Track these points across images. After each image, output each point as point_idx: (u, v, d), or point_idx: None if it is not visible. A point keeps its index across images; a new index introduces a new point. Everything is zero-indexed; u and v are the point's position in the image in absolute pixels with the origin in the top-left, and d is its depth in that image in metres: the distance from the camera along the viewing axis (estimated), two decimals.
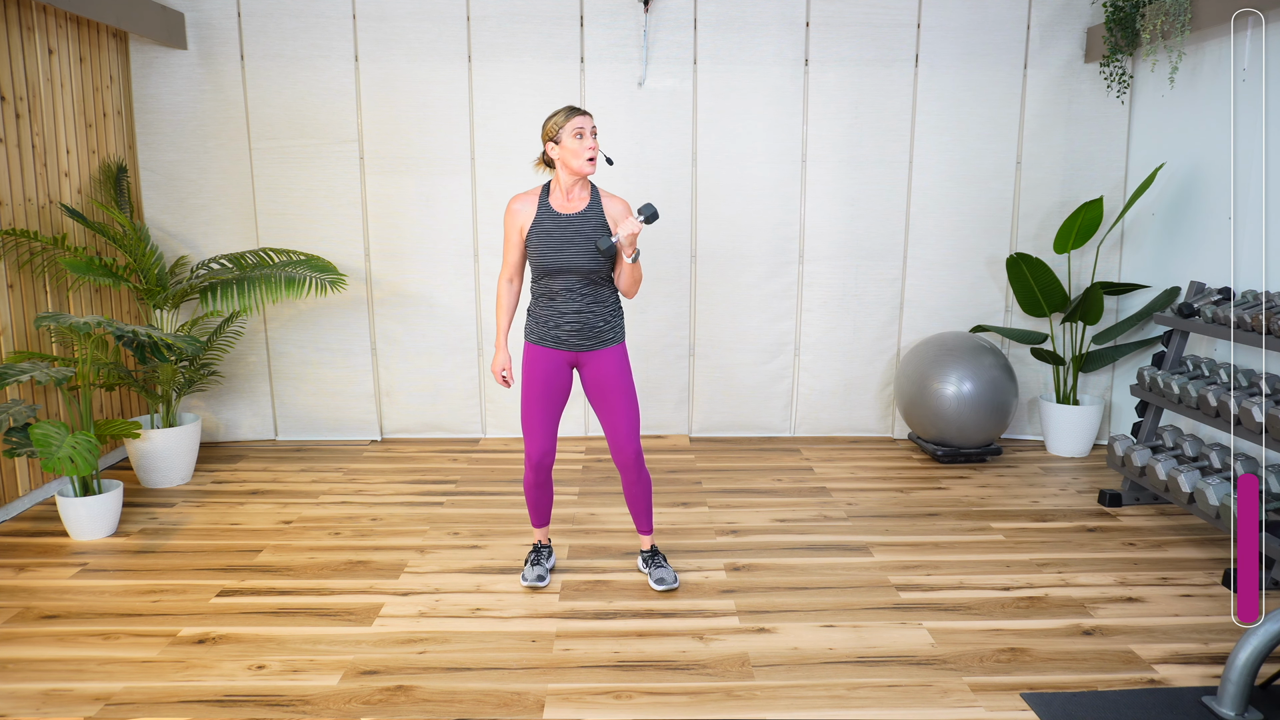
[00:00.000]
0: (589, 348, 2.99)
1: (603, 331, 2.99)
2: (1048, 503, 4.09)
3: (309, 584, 3.20)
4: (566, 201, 2.94)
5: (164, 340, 3.82)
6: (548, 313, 2.97)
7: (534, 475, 3.10)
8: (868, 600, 3.08)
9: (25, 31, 3.90)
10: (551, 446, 3.05)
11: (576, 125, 2.84)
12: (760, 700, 2.48)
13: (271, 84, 4.68)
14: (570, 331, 2.95)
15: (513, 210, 2.96)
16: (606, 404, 3.04)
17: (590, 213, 2.93)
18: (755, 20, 4.71)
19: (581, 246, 2.89)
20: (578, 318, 2.94)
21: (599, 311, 2.97)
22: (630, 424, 3.03)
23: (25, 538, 3.62)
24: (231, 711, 2.42)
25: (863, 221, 4.93)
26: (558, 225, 2.90)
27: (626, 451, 3.05)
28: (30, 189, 3.96)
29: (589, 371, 3.03)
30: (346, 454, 4.80)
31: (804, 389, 5.11)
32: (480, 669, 2.63)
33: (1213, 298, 3.84)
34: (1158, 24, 4.13)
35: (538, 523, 3.25)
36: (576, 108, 2.88)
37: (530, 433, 3.03)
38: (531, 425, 3.02)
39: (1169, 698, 2.48)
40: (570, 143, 2.85)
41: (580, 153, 2.84)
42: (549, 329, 2.97)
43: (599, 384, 3.03)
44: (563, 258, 2.89)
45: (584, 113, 2.87)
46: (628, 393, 3.03)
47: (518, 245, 2.99)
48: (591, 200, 2.95)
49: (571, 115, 2.85)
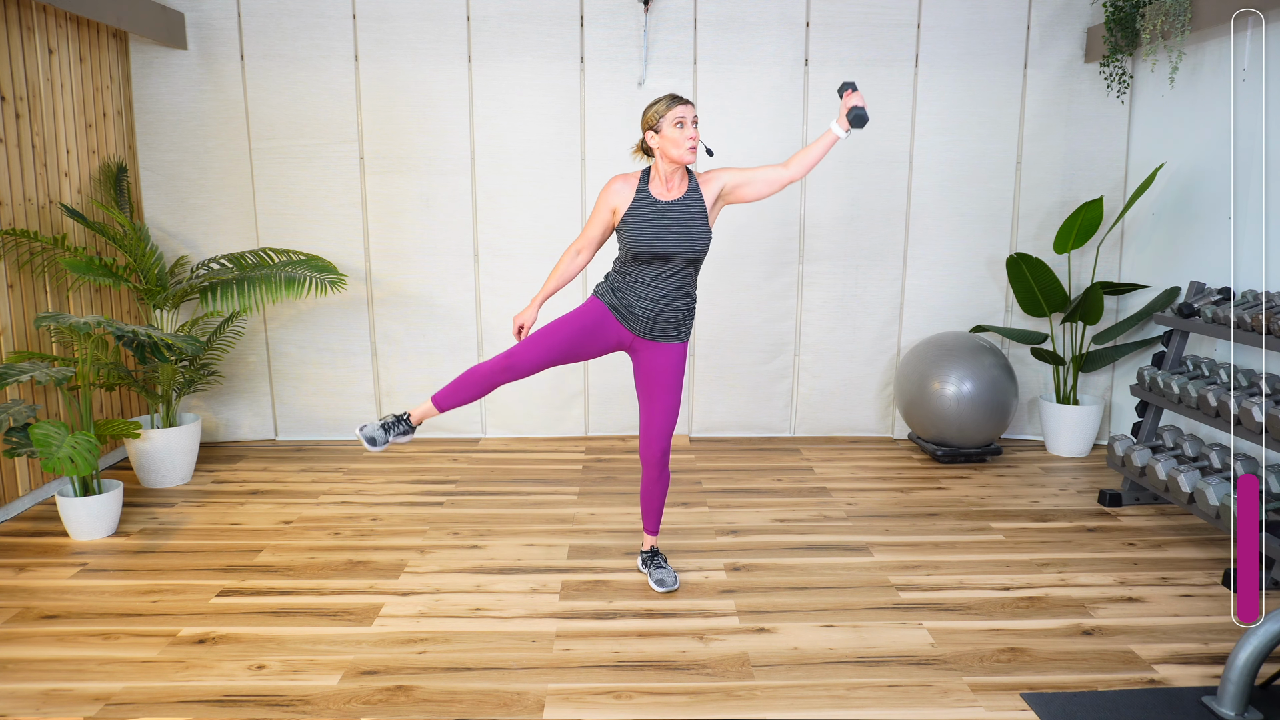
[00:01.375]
0: (653, 338, 2.98)
1: (672, 327, 2.98)
2: (1048, 503, 4.09)
3: (309, 584, 3.20)
4: (665, 189, 2.92)
5: (164, 340, 3.82)
6: (628, 295, 2.94)
7: (490, 374, 2.92)
8: (868, 600, 3.08)
9: (25, 31, 3.90)
10: (531, 370, 2.91)
11: (678, 114, 2.82)
12: (760, 700, 2.48)
13: (271, 84, 4.68)
14: (643, 317, 2.93)
15: (612, 188, 2.93)
16: (652, 396, 3.02)
17: (690, 199, 2.91)
18: (755, 20, 4.71)
19: (678, 234, 2.87)
20: (654, 306, 2.92)
21: (676, 306, 2.95)
22: (667, 422, 3.03)
23: (25, 538, 3.62)
24: (231, 711, 2.42)
25: (863, 221, 4.93)
26: (655, 212, 2.88)
27: (655, 448, 3.05)
28: (30, 189, 3.96)
29: (644, 359, 3.01)
30: (346, 454, 4.80)
31: (804, 389, 5.11)
32: (480, 669, 2.63)
33: (1213, 298, 3.84)
34: (1158, 24, 4.13)
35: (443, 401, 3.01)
36: (679, 96, 2.86)
37: (531, 344, 2.90)
38: (538, 342, 2.91)
39: (1169, 698, 2.48)
40: (671, 132, 2.84)
41: (681, 142, 2.83)
42: (623, 306, 2.95)
43: (651, 374, 3.01)
44: (658, 245, 2.86)
45: (686, 102, 2.85)
46: (675, 392, 3.02)
47: (604, 222, 2.96)
48: (690, 188, 2.93)
49: (673, 105, 2.84)
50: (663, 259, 2.88)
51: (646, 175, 2.95)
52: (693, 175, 2.97)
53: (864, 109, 2.82)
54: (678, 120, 2.83)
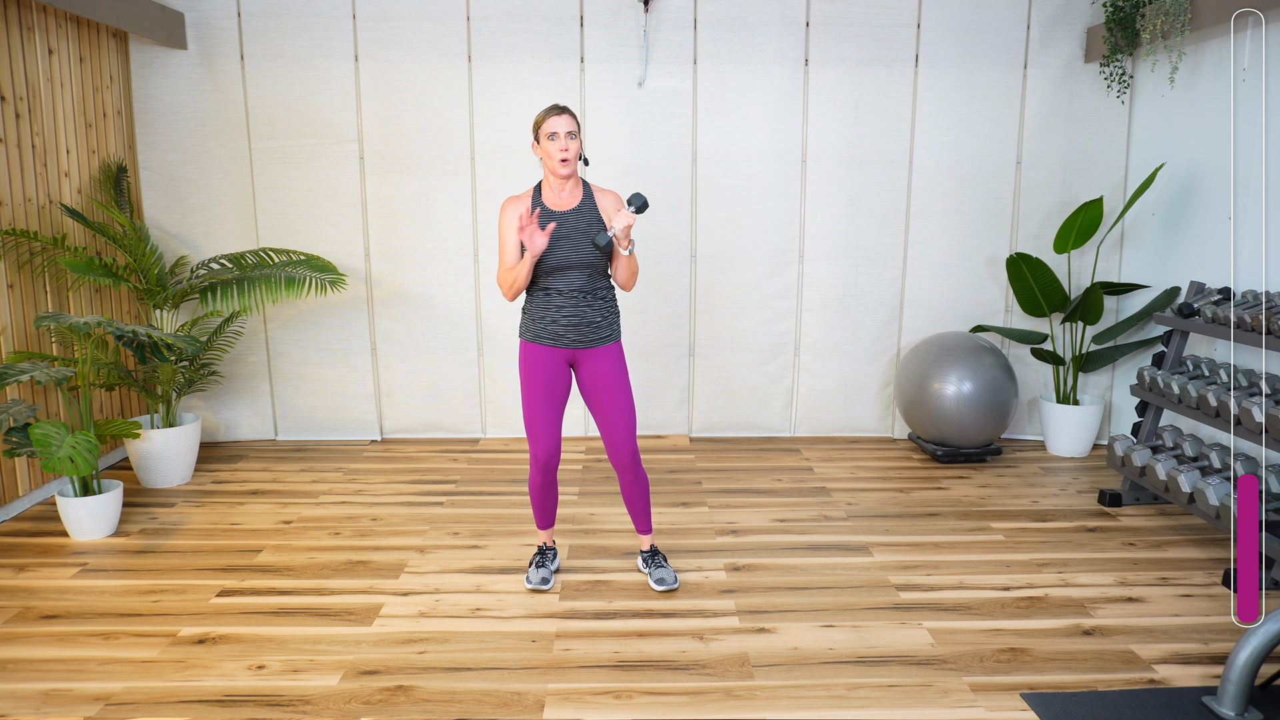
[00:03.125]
0: (586, 345, 2.98)
1: (600, 328, 2.99)
2: (1048, 503, 4.09)
3: (309, 584, 3.20)
4: (559, 198, 2.93)
5: (164, 340, 3.82)
6: (544, 310, 2.95)
7: (541, 476, 3.08)
8: (868, 600, 3.08)
9: (25, 31, 3.90)
10: (558, 446, 3.03)
11: (550, 127, 2.83)
12: (760, 700, 2.48)
13: (271, 84, 4.68)
14: (567, 328, 2.94)
15: (508, 211, 2.93)
16: (602, 404, 3.03)
17: (584, 208, 2.93)
18: (755, 20, 4.71)
19: (577, 243, 2.89)
20: (575, 312, 2.93)
21: (597, 307, 2.97)
22: (626, 425, 3.02)
23: (25, 538, 3.62)
24: (231, 711, 2.42)
25: (862, 221, 4.93)
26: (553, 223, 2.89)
27: (623, 453, 3.05)
28: (30, 189, 3.96)
29: (585, 370, 3.02)
30: (346, 454, 4.80)
31: (804, 389, 5.11)
32: (480, 669, 2.63)
33: (1213, 298, 3.84)
34: (1158, 24, 4.13)
35: (543, 524, 3.24)
36: (556, 106, 2.87)
37: (535, 434, 3.01)
38: (535, 426, 3.00)
39: (1169, 698, 2.48)
40: (545, 144, 2.86)
41: (553, 154, 2.85)
42: (546, 325, 2.96)
43: (595, 383, 3.02)
44: (559, 255, 2.88)
45: (561, 112, 2.84)
46: (624, 393, 3.02)
47: (515, 246, 2.95)
48: (584, 196, 2.95)
49: (548, 116, 2.85)
50: (567, 268, 2.90)
51: (539, 189, 2.96)
52: (587, 184, 2.98)
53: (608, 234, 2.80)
54: (550, 133, 2.83)
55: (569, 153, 2.84)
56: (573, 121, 2.86)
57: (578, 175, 2.96)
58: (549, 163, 2.86)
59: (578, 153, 2.88)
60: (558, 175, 2.88)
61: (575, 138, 2.86)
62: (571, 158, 2.85)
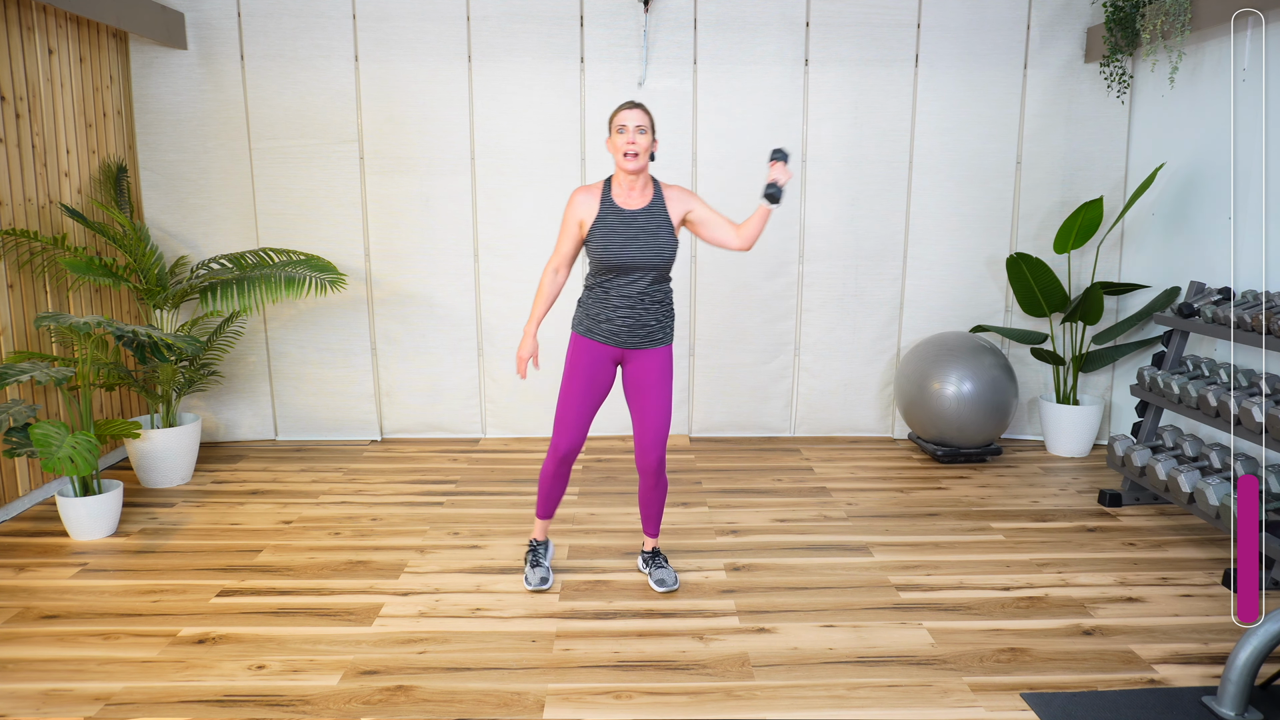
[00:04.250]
0: (638, 345, 2.95)
1: (654, 331, 2.96)
2: (1048, 503, 4.09)
3: (309, 584, 3.20)
4: (629, 197, 2.90)
5: (164, 340, 3.82)
6: (601, 307, 2.92)
7: (556, 467, 3.06)
8: (868, 600, 3.08)
9: (25, 31, 3.90)
10: (581, 441, 3.01)
11: (619, 121, 2.83)
12: (760, 700, 2.48)
13: (271, 84, 4.68)
14: (622, 327, 2.91)
15: (575, 201, 2.91)
16: (641, 404, 3.00)
17: (655, 208, 2.89)
18: (755, 20, 4.71)
19: (644, 244, 2.86)
20: (631, 314, 2.91)
21: (653, 310, 2.94)
22: (660, 429, 3.00)
23: (25, 538, 3.62)
24: (231, 711, 2.42)
25: (863, 221, 4.93)
26: (621, 220, 2.87)
27: (650, 457, 3.03)
28: (30, 189, 3.96)
29: (631, 368, 3.00)
30: (346, 454, 4.80)
31: (804, 389, 5.11)
32: (480, 669, 2.63)
33: (1213, 298, 3.84)
34: (1158, 24, 4.13)
35: (544, 513, 3.20)
36: (630, 101, 2.86)
37: (564, 424, 2.98)
38: (567, 417, 2.97)
39: (1169, 698, 2.48)
40: (614, 137, 2.85)
41: (618, 146, 2.83)
42: (600, 323, 2.93)
43: (639, 383, 3.00)
44: (626, 253, 2.85)
45: (632, 107, 2.84)
46: (664, 397, 2.99)
47: (574, 237, 2.94)
48: (655, 196, 2.92)
49: (617, 111, 2.85)
50: (631, 268, 2.87)
51: (609, 185, 2.93)
52: (658, 184, 2.95)
53: (778, 188, 2.85)
54: (620, 126, 2.83)
55: (635, 146, 2.81)
56: (643, 116, 2.84)
57: (649, 174, 2.92)
58: (616, 157, 2.85)
59: (646, 148, 2.84)
60: (625, 170, 2.85)
61: (645, 133, 2.83)
62: (639, 151, 2.82)
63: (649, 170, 2.93)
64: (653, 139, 2.86)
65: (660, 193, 2.93)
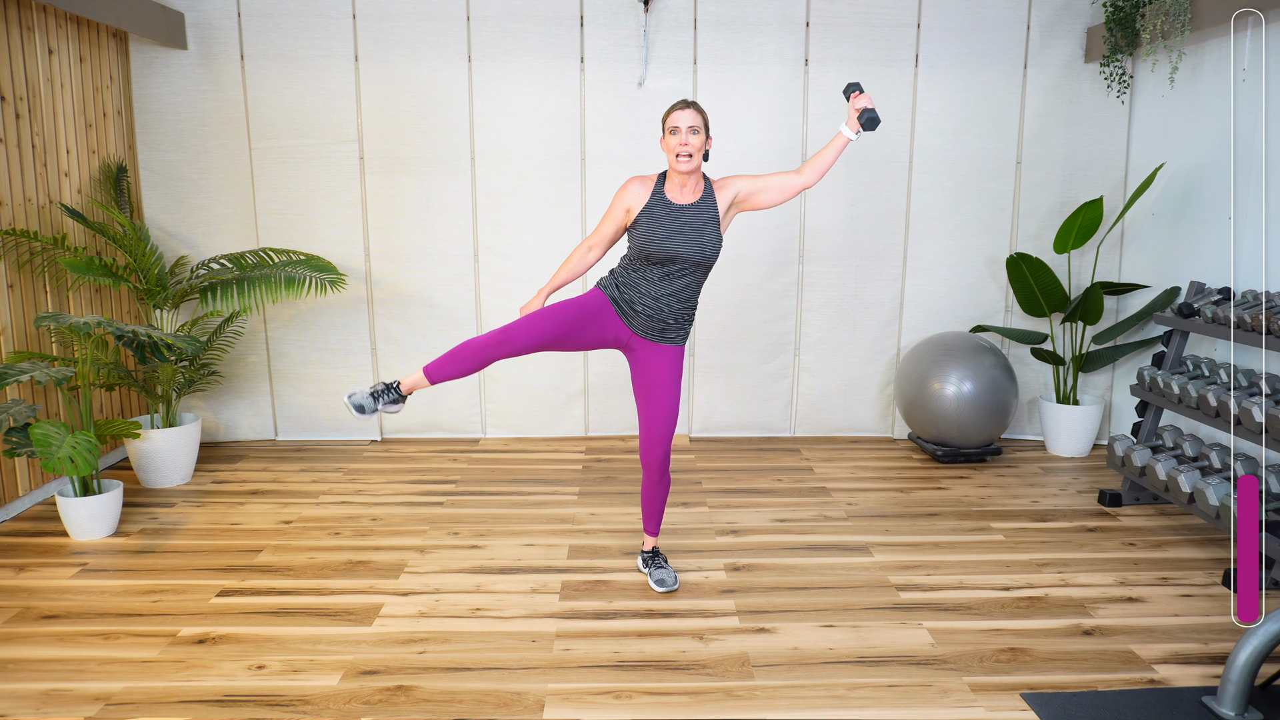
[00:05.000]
0: (649, 338, 2.98)
1: (670, 329, 2.98)
2: (1048, 503, 4.09)
3: (309, 584, 3.20)
4: (680, 193, 2.92)
5: (164, 340, 3.82)
6: (631, 291, 2.94)
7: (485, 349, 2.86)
8: (868, 600, 3.08)
9: (25, 31, 3.90)
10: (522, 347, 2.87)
11: (672, 122, 2.85)
12: (760, 700, 2.48)
13: (271, 84, 4.68)
14: (642, 315, 2.94)
15: (629, 189, 2.94)
16: (650, 399, 3.02)
17: (704, 204, 2.91)
18: (755, 20, 4.71)
19: (690, 238, 2.88)
20: (656, 305, 2.93)
21: (677, 309, 2.95)
22: (666, 425, 3.02)
23: (25, 538, 3.62)
24: (231, 711, 2.42)
25: (863, 221, 4.93)
26: (669, 214, 2.89)
27: (655, 452, 3.05)
28: (30, 189, 3.96)
29: (642, 361, 3.01)
30: (346, 454, 4.80)
31: (804, 389, 5.11)
32: (480, 669, 2.63)
33: (1213, 298, 3.84)
34: (1158, 24, 4.13)
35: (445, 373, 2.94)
36: (683, 101, 2.87)
37: (525, 323, 2.87)
38: (533, 321, 2.88)
39: (1169, 698, 2.48)
40: (667, 138, 2.88)
41: (671, 147, 2.86)
42: (625, 301, 2.95)
43: (648, 378, 3.01)
44: (669, 247, 2.87)
45: (685, 107, 2.85)
46: (674, 395, 3.01)
47: (617, 221, 2.97)
48: (705, 193, 2.94)
49: (670, 111, 2.87)
50: (671, 261, 2.89)
51: (663, 178, 2.95)
52: (709, 181, 2.97)
53: (875, 110, 2.86)
54: (673, 127, 2.85)
55: (688, 147, 2.83)
56: (696, 116, 2.85)
57: (700, 172, 2.93)
58: (669, 157, 2.87)
59: (699, 148, 2.85)
60: (677, 170, 2.87)
61: (698, 133, 2.84)
62: (691, 152, 2.83)
63: (701, 169, 2.93)
64: (706, 137, 2.88)
65: (710, 190, 2.95)
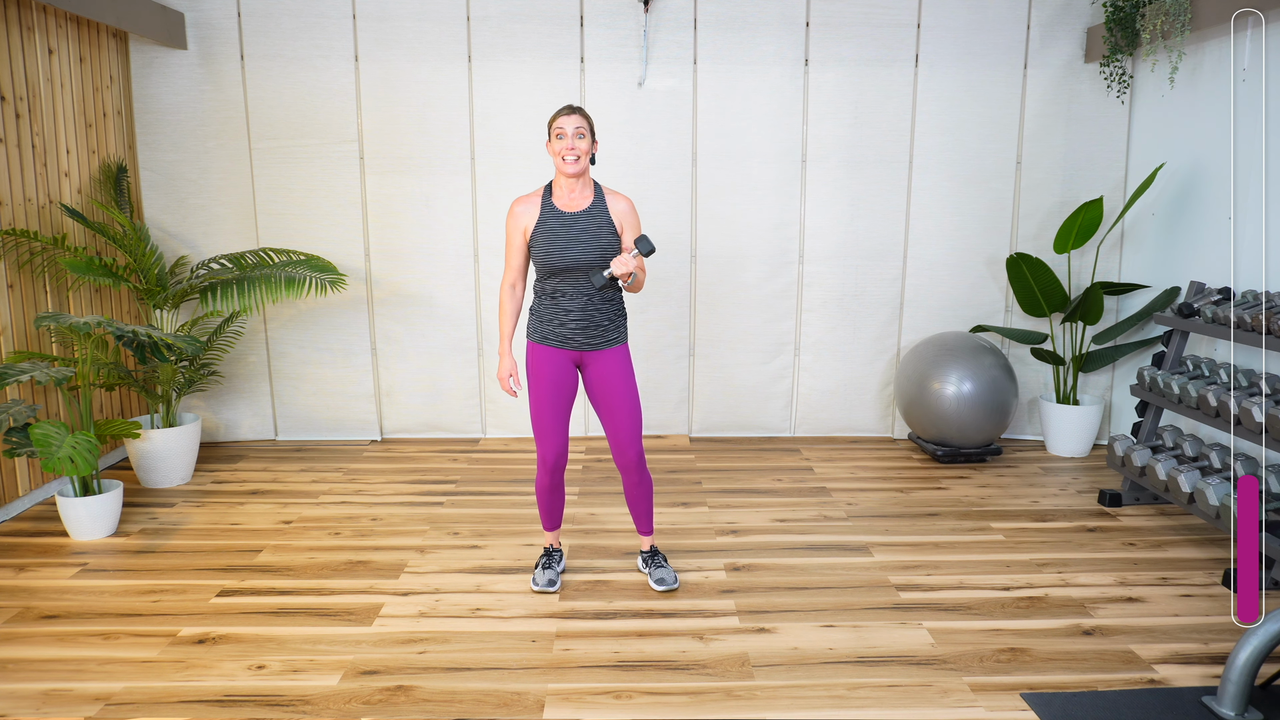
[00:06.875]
0: (593, 347, 2.98)
1: (607, 330, 2.99)
2: (1048, 503, 4.09)
3: (309, 584, 3.20)
4: (569, 198, 2.93)
5: (164, 340, 3.82)
6: (552, 311, 2.95)
7: (549, 478, 3.08)
8: (868, 600, 3.08)
9: (25, 31, 3.90)
10: (565, 447, 3.03)
11: (557, 126, 2.86)
12: (760, 700, 2.48)
13: (271, 84, 4.68)
14: (575, 329, 2.94)
15: (515, 213, 2.94)
16: (609, 406, 3.02)
17: (595, 210, 2.92)
18: (755, 20, 4.71)
19: (586, 246, 2.88)
20: (583, 315, 2.93)
21: (604, 310, 2.96)
22: (632, 426, 3.02)
23: (25, 538, 3.62)
24: (231, 711, 2.42)
25: (863, 221, 4.93)
26: (562, 224, 2.89)
27: (629, 454, 3.04)
28: (30, 189, 3.96)
29: (592, 372, 3.02)
30: (346, 454, 4.80)
31: (804, 389, 5.11)
32: (480, 669, 2.63)
33: (1213, 298, 3.84)
34: (1158, 24, 4.13)
35: (549, 525, 3.23)
36: (568, 106, 2.89)
37: (542, 435, 3.01)
38: (543, 427, 3.00)
39: (1169, 698, 2.48)
40: (553, 142, 2.88)
41: (558, 152, 2.86)
42: (553, 327, 2.96)
43: (602, 385, 3.02)
44: (568, 256, 2.88)
45: (571, 112, 2.86)
46: (630, 395, 3.02)
47: (521, 249, 2.97)
48: (595, 198, 2.95)
49: (557, 115, 2.87)
50: (576, 270, 2.90)
51: (549, 190, 2.96)
52: (599, 186, 2.98)
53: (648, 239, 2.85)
54: (558, 132, 2.86)
55: (574, 151, 2.84)
56: (582, 121, 2.86)
57: (588, 176, 2.95)
58: (555, 161, 2.88)
59: (585, 152, 2.87)
60: (564, 174, 2.88)
61: (584, 138, 2.86)
62: (577, 157, 2.85)
63: (589, 173, 2.96)
64: (592, 141, 2.90)
65: (601, 194, 2.96)
